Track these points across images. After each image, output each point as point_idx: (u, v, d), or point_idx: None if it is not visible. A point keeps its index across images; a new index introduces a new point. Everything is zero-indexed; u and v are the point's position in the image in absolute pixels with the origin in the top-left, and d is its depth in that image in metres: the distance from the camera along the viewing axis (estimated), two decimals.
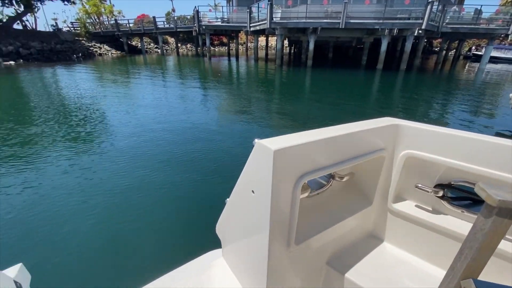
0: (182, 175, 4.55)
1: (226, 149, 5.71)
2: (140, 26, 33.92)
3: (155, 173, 4.59)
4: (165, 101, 10.46)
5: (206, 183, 4.33)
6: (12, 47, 23.80)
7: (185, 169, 4.76)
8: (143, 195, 3.92)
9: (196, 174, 4.60)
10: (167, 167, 4.84)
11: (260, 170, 0.93)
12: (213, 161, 5.11)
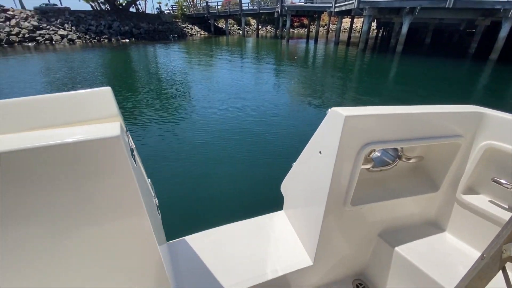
0: (255, 146, 5.13)
1: (290, 129, 5.95)
2: (227, 8, 35.82)
3: (235, 136, 5.51)
4: (241, 78, 11.24)
5: (274, 153, 4.83)
6: (128, 27, 28.76)
7: (257, 141, 5.27)
8: (227, 154, 4.83)
9: (265, 145, 5.12)
10: (243, 135, 5.53)
11: (330, 133, 1.02)
12: (275, 137, 5.49)
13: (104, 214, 0.76)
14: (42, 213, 0.66)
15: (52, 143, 0.60)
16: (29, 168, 0.60)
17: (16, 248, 0.68)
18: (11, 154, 0.58)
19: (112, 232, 0.81)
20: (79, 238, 0.75)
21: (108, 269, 0.88)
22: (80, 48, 21.92)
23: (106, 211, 0.75)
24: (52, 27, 24.50)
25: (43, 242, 0.70)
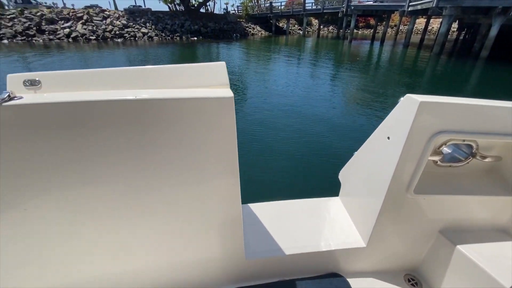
0: (311, 141, 5.35)
1: (345, 129, 5.93)
2: (290, 8, 35.97)
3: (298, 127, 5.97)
4: (297, 76, 11.37)
5: (328, 149, 5.04)
6: (197, 26, 31.29)
7: (313, 137, 5.45)
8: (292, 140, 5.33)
9: (321, 142, 5.29)
10: (299, 131, 5.76)
11: (402, 119, 1.01)
12: (329, 135, 5.60)
13: (209, 163, 0.92)
14: (170, 147, 0.86)
15: (187, 96, 0.80)
16: (170, 112, 0.80)
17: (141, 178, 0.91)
18: (161, 102, 0.78)
19: (209, 183, 0.97)
20: (184, 179, 0.94)
21: (195, 215, 1.06)
22: (156, 44, 24.81)
23: (212, 160, 0.91)
24: (136, 26, 28.21)
25: (163, 170, 0.91)
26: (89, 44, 23.35)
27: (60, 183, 0.86)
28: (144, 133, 0.83)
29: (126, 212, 0.99)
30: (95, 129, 0.79)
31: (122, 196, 0.94)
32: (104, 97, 0.76)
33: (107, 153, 0.83)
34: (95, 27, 26.06)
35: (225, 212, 1.06)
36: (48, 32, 24.42)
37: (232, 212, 1.07)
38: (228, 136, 0.88)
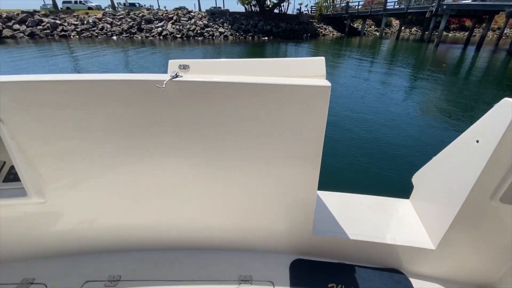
0: (386, 144, 5.32)
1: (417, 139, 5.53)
2: (368, 8, 33.87)
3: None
4: (369, 81, 10.86)
5: (403, 154, 4.99)
6: (269, 26, 32.32)
7: (387, 142, 5.36)
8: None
9: (395, 146, 5.21)
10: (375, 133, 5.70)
11: (496, 122, 0.96)
12: (402, 143, 5.40)
13: (298, 145, 1.02)
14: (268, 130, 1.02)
15: (291, 83, 0.93)
16: (276, 96, 0.95)
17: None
18: (265, 86, 0.93)
19: (294, 164, 1.06)
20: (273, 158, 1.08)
21: (276, 189, 1.16)
22: (230, 43, 26.68)
23: (301, 143, 1.01)
24: (215, 26, 30.78)
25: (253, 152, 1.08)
26: (175, 41, 26.62)
27: (190, 143, 1.08)
28: (252, 110, 0.99)
29: (220, 176, 1.16)
30: (224, 104, 0.98)
31: (220, 162, 1.12)
32: (232, 80, 0.96)
33: (227, 123, 1.03)
34: (181, 26, 29.49)
35: (303, 191, 1.17)
36: (145, 30, 28.76)
37: (308, 193, 1.17)
38: (319, 124, 0.98)
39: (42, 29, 26.89)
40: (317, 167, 1.09)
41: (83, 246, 1.39)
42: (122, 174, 1.17)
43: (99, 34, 27.91)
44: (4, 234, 1.28)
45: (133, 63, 15.13)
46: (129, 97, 0.98)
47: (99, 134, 1.06)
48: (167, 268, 1.31)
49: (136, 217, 1.32)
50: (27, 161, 1.10)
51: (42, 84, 0.95)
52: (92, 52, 18.32)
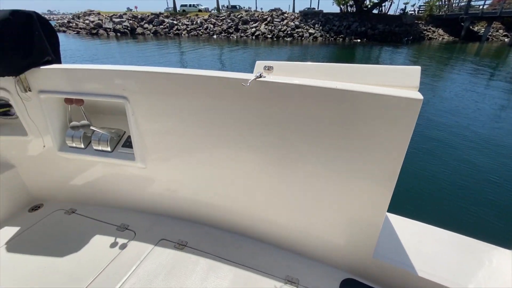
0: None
1: None
2: (498, 7, 27.41)
3: None
4: (486, 99, 8.76)
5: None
6: (364, 28, 30.28)
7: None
8: None
9: None
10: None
11: None
12: None
13: (375, 159, 0.95)
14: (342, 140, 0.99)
15: (378, 92, 0.87)
16: (358, 104, 0.90)
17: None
18: (346, 93, 0.90)
19: (368, 177, 1.00)
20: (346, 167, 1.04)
21: (345, 200, 1.11)
22: (319, 44, 26.35)
23: (378, 157, 0.94)
24: (306, 26, 30.92)
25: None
26: (265, 41, 28.10)
27: (250, 138, 1.16)
28: (329, 117, 0.97)
29: (287, 176, 1.18)
30: (301, 106, 1.00)
31: (288, 162, 1.15)
32: (311, 83, 0.97)
33: (302, 125, 1.04)
34: (273, 27, 30.87)
35: (370, 210, 1.08)
36: (241, 30, 31.39)
37: (376, 213, 1.07)
38: (403, 140, 0.89)
39: (163, 28, 32.89)
40: (390, 187, 1.00)
41: (165, 209, 1.64)
42: (203, 157, 1.34)
43: (203, 33, 32.12)
44: (116, 186, 1.66)
45: (227, 59, 16.95)
46: (218, 91, 1.11)
47: (191, 120, 1.25)
48: (225, 247, 1.42)
49: (207, 196, 1.47)
50: (139, 134, 1.38)
51: (155, 75, 1.20)
52: (195, 48, 21.41)
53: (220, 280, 1.23)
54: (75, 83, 1.32)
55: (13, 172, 1.67)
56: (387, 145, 0.92)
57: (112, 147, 1.45)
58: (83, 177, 1.66)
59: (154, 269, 1.28)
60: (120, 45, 24.42)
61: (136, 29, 32.42)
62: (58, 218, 1.64)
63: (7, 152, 1.66)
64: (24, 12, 1.27)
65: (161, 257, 1.35)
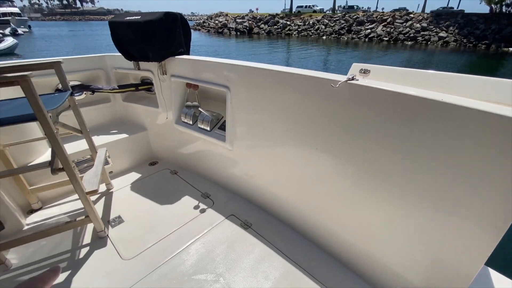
0: None
1: None
2: None
3: None
4: None
5: None
6: None
7: None
8: None
9: None
10: None
11: None
12: None
13: (475, 193, 0.76)
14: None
15: (487, 110, 0.69)
16: (458, 121, 0.74)
17: None
18: (447, 107, 0.75)
19: (461, 218, 0.81)
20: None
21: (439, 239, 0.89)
22: (449, 50, 21.86)
23: (484, 194, 0.74)
24: (435, 29, 26.17)
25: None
26: (379, 44, 25.55)
27: (347, 145, 1.08)
28: (424, 132, 0.83)
29: (365, 188, 1.09)
30: (392, 116, 0.90)
31: (368, 172, 1.04)
32: (405, 91, 0.85)
33: (390, 137, 0.93)
34: (392, 29, 27.63)
35: (464, 254, 0.86)
36: (353, 32, 29.61)
37: (471, 260, 0.86)
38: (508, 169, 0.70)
39: (276, 28, 34.82)
40: (498, 234, 0.76)
41: (240, 190, 1.80)
42: (282, 152, 1.39)
43: (313, 34, 32.12)
44: (207, 159, 1.92)
45: (331, 61, 16.47)
46: (306, 89, 1.13)
47: (278, 114, 1.31)
48: (284, 241, 1.46)
49: (278, 189, 1.54)
50: (232, 120, 1.55)
51: (253, 69, 1.31)
52: (301, 48, 21.73)
53: (271, 269, 1.29)
54: (195, 71, 1.64)
55: (145, 134, 2.22)
56: (496, 177, 0.72)
57: (211, 128, 1.72)
58: (187, 147, 2.04)
59: (219, 238, 1.47)
60: (237, 42, 27.54)
61: (253, 29, 35.66)
62: (165, 175, 2.09)
63: (143, 118, 2.23)
64: (173, 13, 1.65)
65: (228, 230, 1.53)
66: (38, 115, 1.11)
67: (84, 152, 1.82)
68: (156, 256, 1.36)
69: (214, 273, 1.26)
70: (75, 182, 1.30)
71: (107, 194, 1.87)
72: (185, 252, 1.38)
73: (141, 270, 1.28)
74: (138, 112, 2.23)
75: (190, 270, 1.27)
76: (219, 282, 1.22)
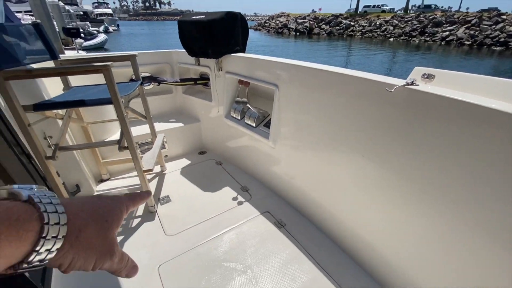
0: None
1: None
2: None
3: None
4: None
5: None
6: None
7: None
8: None
9: None
10: None
11: None
12: None
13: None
14: None
15: None
16: None
17: None
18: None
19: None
20: None
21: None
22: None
23: None
24: None
25: None
26: (459, 49, 22.35)
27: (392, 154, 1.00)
28: (492, 150, 0.73)
29: (409, 201, 1.00)
30: (454, 129, 0.79)
31: (424, 192, 0.93)
32: (474, 101, 0.75)
33: (449, 153, 0.83)
34: (477, 32, 23.87)
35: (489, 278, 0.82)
36: (427, 34, 26.53)
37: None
38: None
39: (339, 29, 33.43)
40: None
41: (278, 188, 1.81)
42: (325, 156, 1.35)
43: (379, 35, 29.86)
44: (249, 154, 1.99)
45: (396, 65, 15.10)
46: (358, 92, 1.07)
47: (324, 117, 1.27)
48: (317, 246, 1.42)
49: (317, 193, 1.51)
50: (278, 118, 1.56)
51: (303, 69, 1.30)
52: (363, 50, 20.42)
53: (300, 272, 1.28)
54: (248, 69, 1.70)
55: (198, 125, 2.41)
56: None
57: (257, 124, 1.77)
58: (233, 141, 2.14)
59: (253, 232, 1.51)
60: (295, 42, 27.37)
61: (313, 29, 34.90)
62: (210, 165, 2.23)
63: (198, 110, 2.41)
64: (234, 13, 1.75)
65: (261, 226, 1.56)
66: (114, 99, 1.31)
67: (146, 136, 2.06)
68: (194, 237, 1.47)
69: (243, 264, 1.31)
70: (136, 160, 1.50)
71: (161, 175, 2.09)
72: (219, 239, 1.46)
73: (180, 247, 1.40)
74: (194, 104, 2.43)
75: (221, 256, 1.35)
76: (247, 274, 1.26)
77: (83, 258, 0.28)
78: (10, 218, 0.22)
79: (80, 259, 0.27)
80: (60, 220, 0.25)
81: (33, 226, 0.23)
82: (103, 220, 0.30)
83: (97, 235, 0.29)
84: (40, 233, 0.23)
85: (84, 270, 0.29)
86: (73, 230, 0.26)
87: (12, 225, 0.21)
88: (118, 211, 0.32)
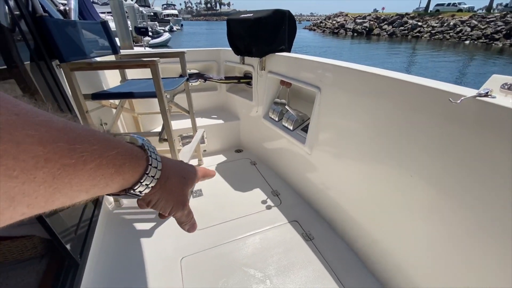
0: None
1: None
2: None
3: None
4: None
5: None
6: None
7: None
8: None
9: None
10: None
11: None
12: None
13: None
14: None
15: None
16: None
17: None
18: None
19: None
20: None
21: None
22: None
23: None
24: None
25: None
26: None
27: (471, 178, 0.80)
28: None
29: (459, 237, 0.86)
30: None
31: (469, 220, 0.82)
32: None
33: None
34: None
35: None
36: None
37: None
38: None
39: (403, 29, 30.58)
40: None
41: (310, 197, 1.71)
42: (364, 168, 1.22)
43: (451, 37, 26.43)
44: (284, 158, 1.93)
45: (470, 73, 13.15)
46: (412, 101, 0.93)
47: (369, 125, 1.15)
48: (344, 264, 1.31)
49: (353, 207, 1.36)
50: (317, 123, 1.46)
51: (348, 70, 1.20)
52: (432, 54, 18.26)
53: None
54: (290, 69, 1.64)
55: (237, 122, 2.43)
56: None
57: (294, 127, 1.69)
58: (269, 142, 2.09)
59: (278, 240, 1.44)
60: (352, 43, 25.95)
61: (373, 30, 32.60)
62: (244, 164, 2.23)
63: (239, 109, 2.43)
64: (282, 11, 1.70)
65: (287, 235, 1.48)
66: (158, 93, 1.38)
67: (187, 130, 2.15)
68: (219, 234, 1.48)
69: (263, 272, 1.26)
70: (173, 152, 1.56)
71: None
72: (243, 241, 1.43)
73: (204, 242, 1.42)
74: (235, 102, 2.45)
75: (243, 260, 1.32)
76: (265, 284, 1.21)
77: (165, 200, 0.35)
78: (132, 153, 0.29)
79: (163, 200, 0.35)
80: (158, 166, 0.33)
81: (143, 163, 0.31)
82: (183, 176, 0.38)
83: (177, 186, 0.37)
84: (146, 169, 0.31)
85: (163, 213, 0.37)
86: (164, 176, 0.34)
87: (133, 159, 0.29)
88: (193, 175, 0.41)
